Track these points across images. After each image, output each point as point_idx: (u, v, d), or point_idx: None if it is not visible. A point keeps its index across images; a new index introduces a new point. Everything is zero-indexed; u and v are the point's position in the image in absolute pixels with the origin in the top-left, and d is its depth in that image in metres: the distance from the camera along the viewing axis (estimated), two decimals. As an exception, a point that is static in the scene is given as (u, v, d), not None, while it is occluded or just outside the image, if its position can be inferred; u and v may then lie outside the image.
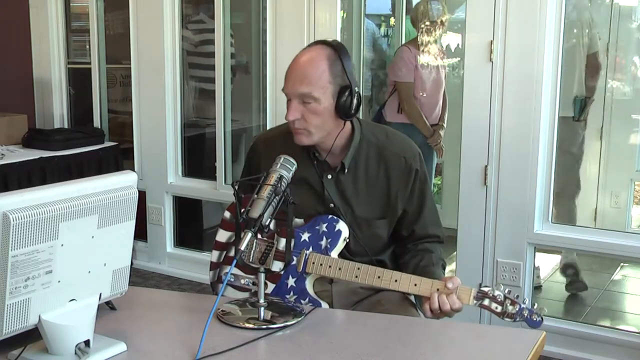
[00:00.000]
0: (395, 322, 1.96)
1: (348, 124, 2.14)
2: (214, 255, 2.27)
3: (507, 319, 1.97)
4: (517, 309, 1.95)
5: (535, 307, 1.98)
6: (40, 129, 4.76)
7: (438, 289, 1.98)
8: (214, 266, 2.25)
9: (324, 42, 2.11)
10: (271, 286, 2.12)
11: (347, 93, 2.05)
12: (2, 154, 4.06)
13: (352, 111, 2.08)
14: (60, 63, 5.02)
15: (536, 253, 3.63)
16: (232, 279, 2.16)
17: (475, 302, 1.98)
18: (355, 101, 2.07)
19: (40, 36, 4.98)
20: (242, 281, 2.15)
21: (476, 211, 3.58)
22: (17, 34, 4.92)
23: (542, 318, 1.97)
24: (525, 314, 1.96)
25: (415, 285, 2.01)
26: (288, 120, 2.07)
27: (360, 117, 2.21)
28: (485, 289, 1.98)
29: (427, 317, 2.01)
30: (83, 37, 5.05)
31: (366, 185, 2.17)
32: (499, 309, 1.96)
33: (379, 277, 2.03)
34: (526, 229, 3.47)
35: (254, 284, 2.05)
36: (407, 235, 2.25)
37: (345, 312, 2.12)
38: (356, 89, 2.07)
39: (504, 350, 1.77)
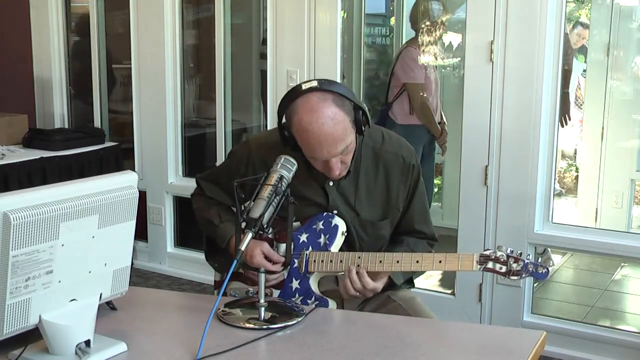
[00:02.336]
0: (396, 322, 1.96)
1: None
2: (216, 276, 2.31)
3: (513, 278, 1.95)
4: (521, 265, 1.93)
5: (539, 260, 1.96)
6: (40, 129, 4.76)
7: (440, 261, 1.99)
8: (218, 285, 2.29)
9: (316, 90, 1.98)
10: (276, 292, 2.13)
11: (360, 113, 2.03)
12: (3, 154, 4.06)
13: (367, 124, 2.07)
14: (60, 63, 5.02)
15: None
16: (236, 294, 2.17)
17: (479, 266, 1.96)
18: (365, 116, 2.05)
19: (41, 36, 4.98)
20: (250, 290, 2.16)
21: (477, 211, 3.58)
22: (18, 33, 4.92)
23: (548, 269, 1.95)
24: (531, 269, 1.93)
25: (417, 262, 2.01)
26: (335, 176, 2.05)
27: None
28: (487, 252, 1.97)
29: (347, 296, 2.07)
30: (83, 37, 5.06)
31: (367, 188, 2.18)
32: (504, 268, 1.95)
33: (380, 261, 2.04)
34: (526, 229, 3.47)
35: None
36: (393, 230, 2.26)
37: (345, 312, 2.12)
38: (362, 105, 2.06)
39: (505, 350, 1.77)
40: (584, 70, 5.78)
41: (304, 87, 2.00)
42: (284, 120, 2.04)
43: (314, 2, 3.92)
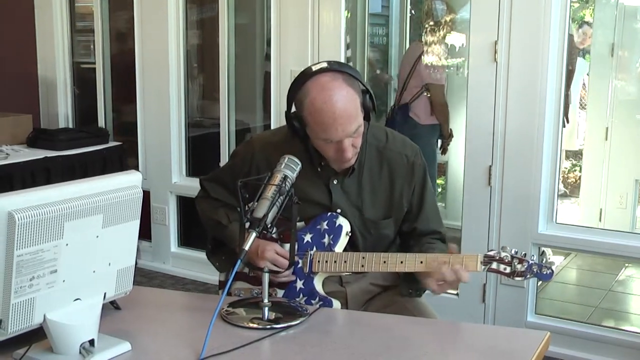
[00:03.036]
0: (399, 322, 1.96)
1: None
2: (221, 276, 2.30)
3: (517, 279, 1.95)
4: (525, 266, 1.94)
5: (544, 261, 1.96)
6: (44, 128, 4.77)
7: (445, 262, 1.97)
8: (222, 285, 2.28)
9: (327, 70, 2.00)
10: (280, 292, 2.13)
11: (367, 97, 2.04)
12: (7, 154, 4.06)
13: (374, 109, 2.07)
14: (65, 63, 5.03)
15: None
16: (241, 294, 2.17)
17: (483, 267, 1.97)
18: (372, 100, 2.06)
19: (45, 36, 4.99)
20: (252, 293, 2.16)
21: (480, 211, 3.58)
22: (22, 34, 4.93)
23: (552, 270, 1.95)
24: (535, 270, 1.94)
25: (422, 262, 2.01)
26: (347, 159, 2.04)
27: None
28: (491, 253, 1.97)
29: (432, 292, 2.02)
30: (88, 37, 5.07)
31: (370, 186, 2.17)
32: (508, 269, 1.95)
33: (384, 262, 2.04)
34: (530, 229, 3.47)
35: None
36: (409, 232, 2.25)
37: (349, 312, 2.12)
38: (369, 89, 2.06)
39: (508, 351, 1.77)
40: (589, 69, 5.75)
41: (314, 68, 2.01)
42: (293, 109, 2.04)
43: (317, 2, 3.92)
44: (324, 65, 2.01)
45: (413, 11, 5.66)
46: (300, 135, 2.05)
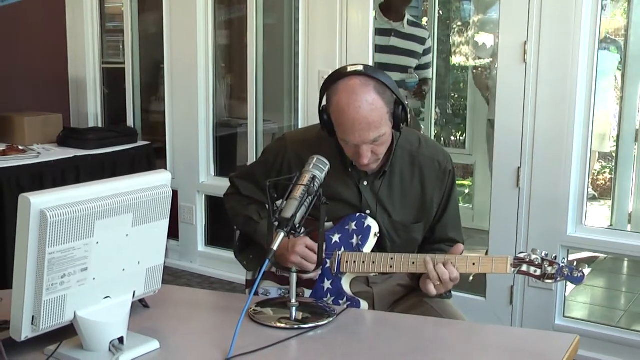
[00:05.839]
0: (427, 324, 1.96)
1: None
2: (248, 275, 2.31)
3: (547, 281, 1.94)
4: (556, 269, 1.92)
5: (574, 264, 1.95)
6: (74, 128, 4.83)
7: (474, 263, 1.97)
8: (249, 284, 2.29)
9: (361, 74, 2.00)
10: (307, 292, 2.13)
11: (400, 108, 2.04)
12: (38, 153, 4.12)
13: (405, 121, 2.07)
14: (94, 63, 5.09)
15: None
16: (268, 294, 2.18)
17: (513, 270, 1.96)
18: (405, 112, 2.06)
19: (76, 37, 5.05)
20: (279, 292, 2.16)
21: (509, 213, 3.55)
22: (54, 34, 4.99)
23: (583, 273, 1.93)
24: (566, 272, 1.92)
25: (452, 264, 2.00)
26: (363, 165, 2.05)
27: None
28: (522, 255, 1.96)
29: (429, 294, 2.03)
30: (117, 37, 5.11)
31: (401, 190, 2.17)
32: (538, 272, 1.94)
33: (413, 263, 2.03)
34: (559, 231, 3.44)
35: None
36: (426, 237, 2.25)
37: (377, 312, 2.12)
38: (404, 101, 2.06)
39: (537, 354, 1.75)
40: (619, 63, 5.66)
41: (349, 69, 2.02)
42: (324, 103, 2.06)
43: (346, 2, 3.92)
44: (360, 68, 2.02)
45: (441, 11, 5.64)
46: (328, 129, 2.07)
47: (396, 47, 4.33)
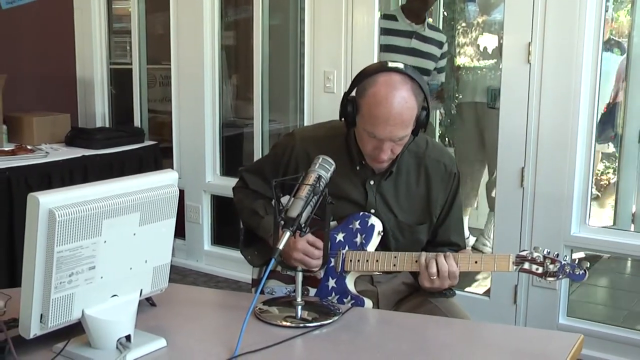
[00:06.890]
0: (431, 323, 1.97)
1: None
2: (254, 273, 2.33)
3: (549, 279, 1.96)
4: (558, 267, 1.94)
5: (576, 261, 1.96)
6: (82, 127, 4.85)
7: (476, 262, 1.99)
8: (255, 282, 2.31)
9: (401, 72, 2.01)
10: (312, 291, 2.15)
11: (424, 113, 2.05)
12: (47, 152, 4.14)
13: (425, 128, 2.08)
14: (102, 63, 5.11)
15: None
16: (274, 292, 2.19)
17: (515, 267, 1.97)
18: (427, 118, 2.06)
19: (84, 37, 5.08)
20: (285, 291, 2.18)
21: (513, 213, 3.56)
22: (62, 35, 5.02)
23: (585, 271, 1.94)
24: (568, 270, 1.94)
25: (453, 258, 2.02)
26: (382, 161, 2.06)
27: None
28: (524, 253, 1.98)
29: (424, 288, 2.05)
30: (124, 38, 5.14)
31: (407, 191, 2.19)
32: (540, 269, 1.96)
33: (416, 261, 2.05)
34: (563, 231, 3.45)
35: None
36: (429, 239, 2.26)
37: (382, 311, 2.14)
38: (428, 107, 2.06)
39: (541, 353, 1.76)
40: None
41: (390, 64, 2.03)
42: (353, 93, 2.06)
43: (351, 3, 3.93)
44: (401, 66, 2.03)
45: (445, 12, 5.64)
46: (349, 119, 2.07)
47: (417, 49, 4.34)
